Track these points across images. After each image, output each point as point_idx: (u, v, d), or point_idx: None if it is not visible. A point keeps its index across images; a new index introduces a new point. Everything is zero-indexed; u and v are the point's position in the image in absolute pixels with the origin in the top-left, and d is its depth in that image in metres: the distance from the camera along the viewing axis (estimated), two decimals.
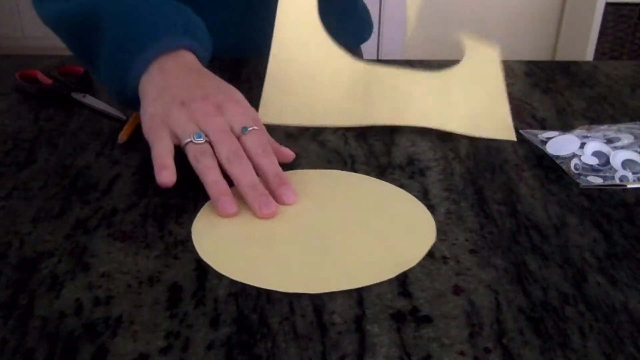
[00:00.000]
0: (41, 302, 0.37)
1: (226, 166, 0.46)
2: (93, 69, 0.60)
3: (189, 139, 0.47)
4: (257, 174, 0.47)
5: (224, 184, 0.46)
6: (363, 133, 0.60)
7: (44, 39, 3.01)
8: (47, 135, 0.60)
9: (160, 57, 0.53)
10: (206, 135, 0.47)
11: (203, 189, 0.49)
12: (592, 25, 2.42)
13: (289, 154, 0.53)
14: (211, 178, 0.46)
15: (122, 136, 0.58)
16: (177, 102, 0.49)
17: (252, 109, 0.51)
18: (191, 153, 0.47)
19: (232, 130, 0.48)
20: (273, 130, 0.60)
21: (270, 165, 0.47)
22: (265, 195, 0.45)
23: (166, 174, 0.46)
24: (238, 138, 0.48)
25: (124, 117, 0.63)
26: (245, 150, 0.47)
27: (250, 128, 0.48)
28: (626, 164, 0.53)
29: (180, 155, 0.49)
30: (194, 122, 0.48)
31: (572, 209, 0.48)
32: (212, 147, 0.47)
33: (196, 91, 0.50)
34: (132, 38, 0.54)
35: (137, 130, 0.60)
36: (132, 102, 0.55)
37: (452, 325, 0.36)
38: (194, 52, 0.56)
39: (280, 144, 0.54)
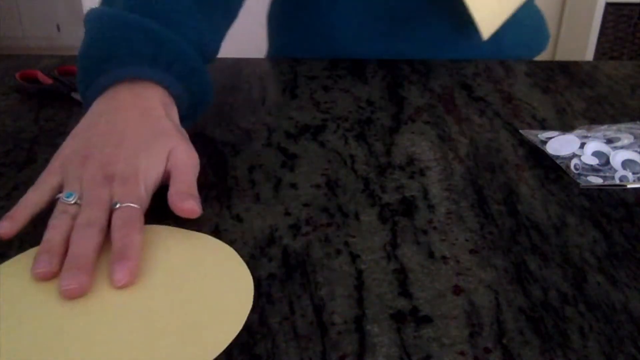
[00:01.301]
0: None
1: (72, 232, 0.41)
2: None
3: (60, 195, 0.44)
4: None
5: (57, 246, 0.40)
6: (363, 133, 0.60)
7: (44, 39, 3.01)
8: (47, 135, 0.60)
9: (118, 84, 0.50)
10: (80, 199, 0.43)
11: (202, 189, 0.49)
12: (592, 25, 2.42)
13: (191, 211, 0.45)
14: (50, 235, 0.41)
15: None
16: (83, 153, 0.46)
17: (143, 188, 0.45)
18: (56, 210, 0.43)
19: (109, 203, 0.43)
20: (273, 130, 0.61)
21: (121, 238, 0.41)
22: (76, 269, 0.38)
23: (5, 225, 0.42)
24: (111, 212, 0.43)
25: None
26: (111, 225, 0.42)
27: (123, 205, 0.43)
28: (626, 164, 0.53)
29: None
30: (80, 183, 0.44)
31: (572, 209, 0.48)
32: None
33: (106, 151, 0.45)
34: (93, 61, 0.51)
35: None
36: None
37: (452, 325, 0.36)
38: (164, 86, 0.51)
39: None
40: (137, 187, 0.44)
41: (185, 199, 0.45)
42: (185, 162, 0.47)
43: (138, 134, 0.47)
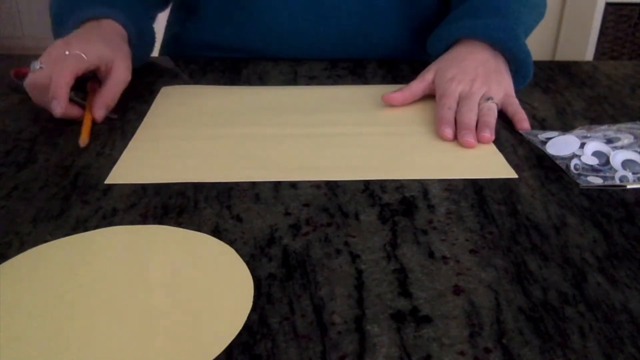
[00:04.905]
0: None
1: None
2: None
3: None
4: None
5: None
6: None
7: (44, 39, 3.01)
8: (47, 135, 0.60)
9: (87, 21, 0.68)
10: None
11: (203, 189, 0.49)
12: (592, 25, 2.42)
13: (101, 118, 0.62)
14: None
15: (84, 140, 0.57)
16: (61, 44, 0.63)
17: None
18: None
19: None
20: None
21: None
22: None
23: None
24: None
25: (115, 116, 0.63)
26: None
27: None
28: (626, 164, 0.53)
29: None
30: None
31: (572, 209, 0.48)
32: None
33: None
34: (67, 11, 0.70)
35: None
36: None
37: (452, 325, 0.36)
38: (117, 21, 0.69)
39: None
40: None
41: (100, 108, 0.62)
42: (119, 78, 0.63)
43: (94, 36, 0.65)
